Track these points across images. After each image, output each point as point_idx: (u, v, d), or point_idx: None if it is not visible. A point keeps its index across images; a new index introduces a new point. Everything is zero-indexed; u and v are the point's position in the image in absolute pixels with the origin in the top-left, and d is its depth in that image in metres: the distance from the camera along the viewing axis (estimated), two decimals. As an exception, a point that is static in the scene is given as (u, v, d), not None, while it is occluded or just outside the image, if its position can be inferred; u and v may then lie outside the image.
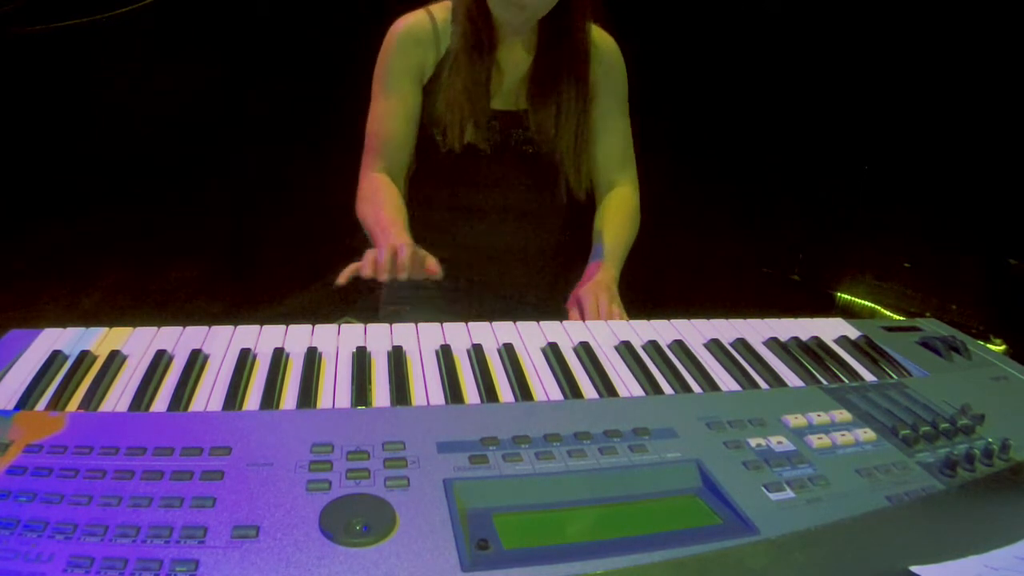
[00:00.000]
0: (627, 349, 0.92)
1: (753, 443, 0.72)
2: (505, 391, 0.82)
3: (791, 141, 2.50)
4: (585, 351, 0.91)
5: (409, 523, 0.58)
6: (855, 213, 2.55)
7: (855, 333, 1.04)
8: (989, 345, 1.67)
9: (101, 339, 0.86)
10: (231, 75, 2.47)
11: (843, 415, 0.78)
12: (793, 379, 0.90)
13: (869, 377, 0.92)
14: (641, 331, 0.98)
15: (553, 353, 0.90)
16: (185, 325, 0.90)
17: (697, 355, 0.93)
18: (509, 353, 0.88)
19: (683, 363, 0.91)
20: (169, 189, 2.47)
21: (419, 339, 0.91)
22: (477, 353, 0.88)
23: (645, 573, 0.55)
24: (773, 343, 0.98)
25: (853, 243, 2.62)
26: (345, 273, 1.02)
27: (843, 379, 0.91)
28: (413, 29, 1.28)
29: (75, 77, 2.31)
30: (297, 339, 0.89)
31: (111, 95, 2.35)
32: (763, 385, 0.88)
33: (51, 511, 0.55)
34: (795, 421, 0.76)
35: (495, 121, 1.30)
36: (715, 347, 0.95)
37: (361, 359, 0.84)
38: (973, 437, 0.76)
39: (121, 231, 2.45)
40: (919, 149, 2.31)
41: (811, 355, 0.96)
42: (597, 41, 1.34)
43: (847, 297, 2.69)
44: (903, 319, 1.43)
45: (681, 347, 0.94)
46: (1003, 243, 2.32)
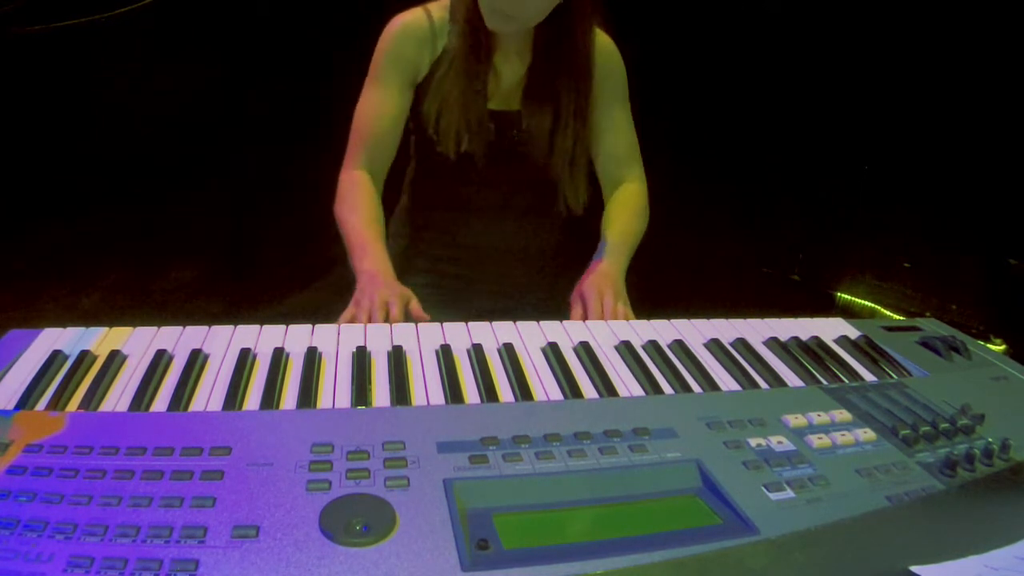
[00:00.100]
0: (627, 349, 0.92)
1: (753, 443, 0.72)
2: (505, 391, 0.82)
3: (791, 141, 2.50)
4: (585, 351, 0.91)
5: (409, 523, 0.58)
6: (855, 213, 2.55)
7: (855, 333, 1.04)
8: (989, 345, 1.67)
9: (101, 339, 0.86)
10: (231, 75, 2.48)
11: (843, 415, 0.78)
12: (793, 379, 0.90)
13: (869, 377, 0.92)
14: (641, 331, 0.98)
15: (553, 353, 0.90)
16: (185, 325, 0.90)
17: (697, 355, 0.93)
18: (509, 353, 0.88)
19: (683, 363, 0.91)
20: (169, 189, 2.47)
21: (419, 339, 0.91)
22: (477, 353, 0.88)
23: (645, 573, 0.55)
24: (773, 343, 0.98)
25: (853, 243, 2.62)
26: (342, 321, 1.03)
27: (843, 379, 0.91)
28: (410, 26, 1.28)
29: (75, 77, 2.31)
30: (297, 339, 0.89)
31: (111, 95, 2.35)
32: (763, 385, 0.88)
33: (51, 511, 0.55)
34: (795, 421, 0.76)
35: (491, 123, 1.30)
36: (715, 347, 0.95)
37: (361, 359, 0.84)
38: (973, 437, 0.76)
39: (121, 231, 2.45)
40: (919, 149, 2.31)
41: (811, 355, 0.96)
42: (596, 43, 1.33)
43: (847, 297, 2.69)
44: (903, 319, 1.43)
45: (681, 347, 0.94)
46: (1003, 243, 2.32)
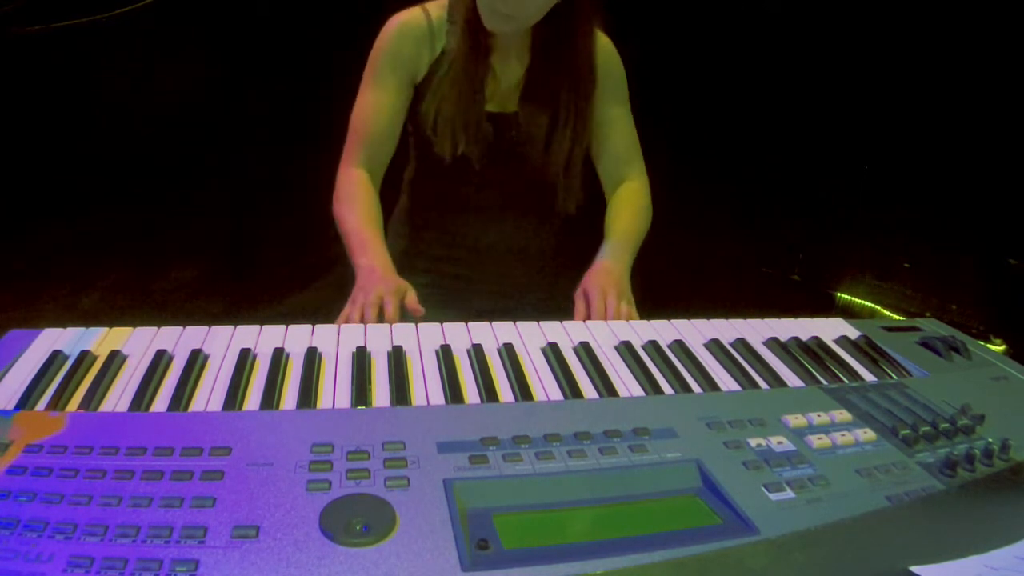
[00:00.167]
0: (627, 349, 0.92)
1: (753, 443, 0.72)
2: (505, 391, 0.82)
3: (791, 141, 2.50)
4: (585, 351, 0.91)
5: (409, 523, 0.58)
6: (855, 213, 2.55)
7: (855, 333, 1.04)
8: (989, 345, 1.67)
9: (101, 339, 0.86)
10: (231, 75, 2.47)
11: (843, 415, 0.78)
12: (793, 379, 0.90)
13: (869, 377, 0.92)
14: (641, 331, 0.98)
15: (553, 353, 0.90)
16: (185, 325, 0.90)
17: (697, 355, 0.93)
18: (509, 353, 0.88)
19: (683, 363, 0.91)
20: (169, 189, 2.47)
21: (419, 339, 0.91)
22: (477, 353, 0.88)
23: (645, 573, 0.55)
24: (773, 343, 0.98)
25: (853, 243, 2.62)
26: (340, 320, 1.03)
27: (843, 379, 0.91)
28: (408, 25, 1.28)
29: (75, 77, 2.31)
30: (297, 339, 0.89)
31: (111, 95, 2.35)
32: (763, 385, 0.88)
33: (51, 511, 0.55)
34: (795, 421, 0.76)
35: (488, 124, 1.30)
36: (715, 347, 0.95)
37: (361, 359, 0.84)
38: (973, 437, 0.76)
39: (121, 231, 2.45)
40: (919, 149, 2.31)
41: (811, 355, 0.96)
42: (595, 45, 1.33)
43: (847, 297, 2.69)
44: (903, 319, 1.43)
45: (681, 347, 0.94)
46: (1003, 243, 2.32)
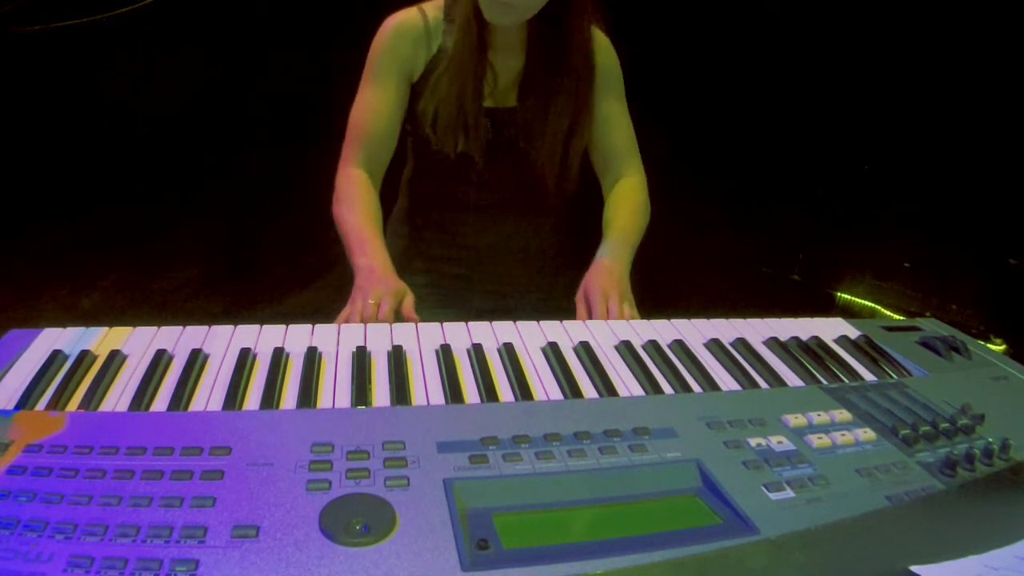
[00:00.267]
0: (627, 349, 0.92)
1: (753, 443, 0.72)
2: (505, 391, 0.82)
3: (791, 140, 2.50)
4: (585, 351, 0.91)
5: (409, 523, 0.58)
6: (855, 213, 2.55)
7: (855, 333, 1.04)
8: (989, 345, 1.67)
9: (101, 339, 0.86)
10: (231, 75, 2.47)
11: (843, 415, 0.78)
12: (793, 379, 0.90)
13: (869, 377, 0.92)
14: (641, 331, 0.98)
15: (553, 353, 0.90)
16: (185, 325, 0.90)
17: (697, 355, 0.93)
18: (509, 353, 0.88)
19: (683, 363, 0.91)
20: (169, 189, 2.47)
21: (419, 339, 0.91)
22: (477, 353, 0.88)
23: (645, 573, 0.55)
24: (773, 343, 0.98)
25: (853, 243, 2.62)
26: (339, 321, 1.03)
27: (843, 379, 0.91)
28: (405, 25, 1.28)
29: (75, 77, 2.31)
30: (297, 339, 0.89)
31: (111, 95, 2.35)
32: (763, 385, 0.87)
33: (51, 511, 0.55)
34: (795, 421, 0.76)
35: (486, 119, 1.30)
36: (715, 347, 0.95)
37: (361, 359, 0.84)
38: (973, 437, 0.76)
39: (121, 231, 2.45)
40: (919, 149, 2.31)
41: (811, 355, 0.96)
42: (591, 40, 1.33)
43: (847, 297, 2.69)
44: (903, 319, 1.43)
45: (681, 347, 0.94)
46: (1003, 243, 2.32)
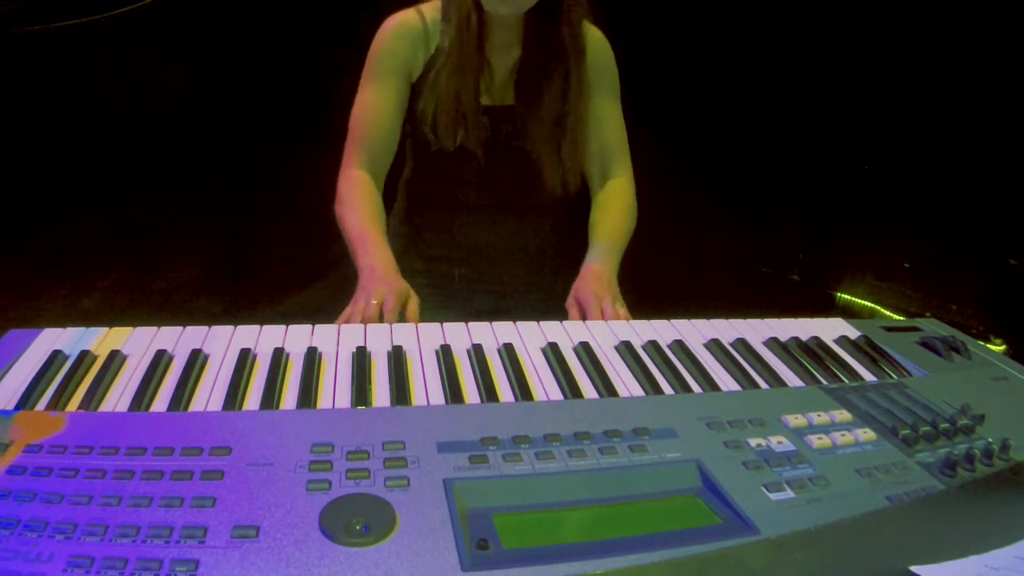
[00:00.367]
0: (627, 349, 0.92)
1: (753, 443, 0.72)
2: (505, 391, 0.82)
3: (791, 141, 2.50)
4: (585, 351, 0.91)
5: (409, 523, 0.58)
6: (855, 213, 2.55)
7: (855, 333, 1.04)
8: (989, 345, 1.67)
9: (101, 339, 0.86)
10: (231, 75, 2.48)
11: (843, 415, 0.78)
12: (793, 379, 0.90)
13: (869, 377, 0.92)
14: (641, 331, 0.98)
15: (553, 353, 0.90)
16: (185, 325, 0.90)
17: (697, 355, 0.93)
18: (509, 353, 0.88)
19: (683, 363, 0.91)
20: (169, 189, 2.47)
21: (419, 339, 0.91)
22: (477, 353, 0.88)
23: (645, 573, 0.55)
24: (773, 343, 0.98)
25: (853, 243, 2.62)
26: (340, 321, 1.04)
27: (843, 379, 0.91)
28: (404, 26, 1.29)
29: (75, 77, 2.31)
30: (297, 339, 0.89)
31: (111, 95, 2.35)
32: (763, 385, 0.87)
33: (51, 511, 0.55)
34: (795, 421, 0.76)
35: (485, 117, 1.30)
36: (715, 347, 0.95)
37: (361, 359, 0.84)
38: (973, 437, 0.76)
39: (121, 231, 2.45)
40: (919, 149, 2.31)
41: (811, 355, 0.96)
42: (586, 36, 1.33)
43: (847, 297, 2.70)
44: (903, 319, 1.43)
45: (681, 347, 0.94)
46: (1003, 243, 2.32)
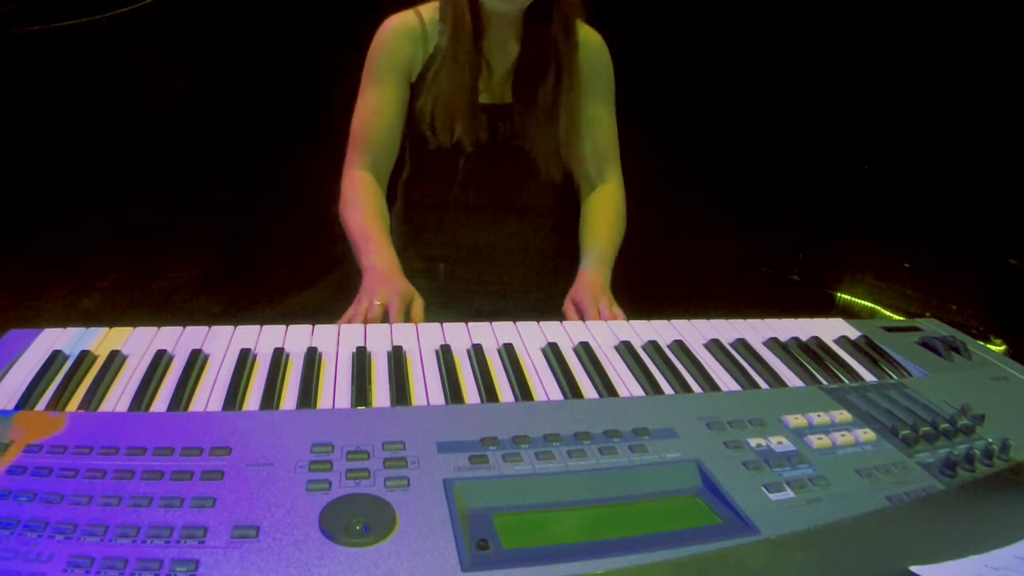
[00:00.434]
0: (627, 349, 0.92)
1: (753, 443, 0.72)
2: (505, 391, 0.82)
3: (791, 141, 2.50)
4: (585, 351, 0.91)
5: (409, 523, 0.58)
6: (855, 213, 2.55)
7: (855, 333, 1.04)
8: (989, 345, 1.67)
9: (101, 339, 0.86)
10: (231, 75, 2.48)
11: (843, 415, 0.78)
12: (793, 379, 0.90)
13: (869, 377, 0.92)
14: (641, 331, 0.98)
15: (553, 353, 0.90)
16: (185, 325, 0.90)
17: (697, 355, 0.93)
18: (509, 353, 0.88)
19: (683, 363, 0.91)
20: (169, 189, 2.48)
21: (419, 339, 0.91)
22: (477, 353, 0.88)
23: (645, 573, 0.55)
24: (773, 343, 0.98)
25: (853, 243, 2.62)
26: (343, 321, 1.04)
27: (843, 379, 0.91)
28: (402, 27, 1.29)
29: (75, 77, 2.31)
30: (297, 339, 0.89)
31: (111, 95, 2.35)
32: (763, 385, 0.87)
33: (51, 511, 0.55)
34: (795, 421, 0.76)
35: (483, 115, 1.30)
36: (715, 347, 0.95)
37: (361, 359, 0.84)
38: (973, 437, 0.76)
39: (121, 231, 2.45)
40: (919, 149, 2.31)
41: (811, 355, 0.96)
42: (583, 37, 1.33)
43: (847, 297, 2.70)
44: (903, 319, 1.43)
45: (681, 347, 0.94)
46: (1003, 243, 2.32)
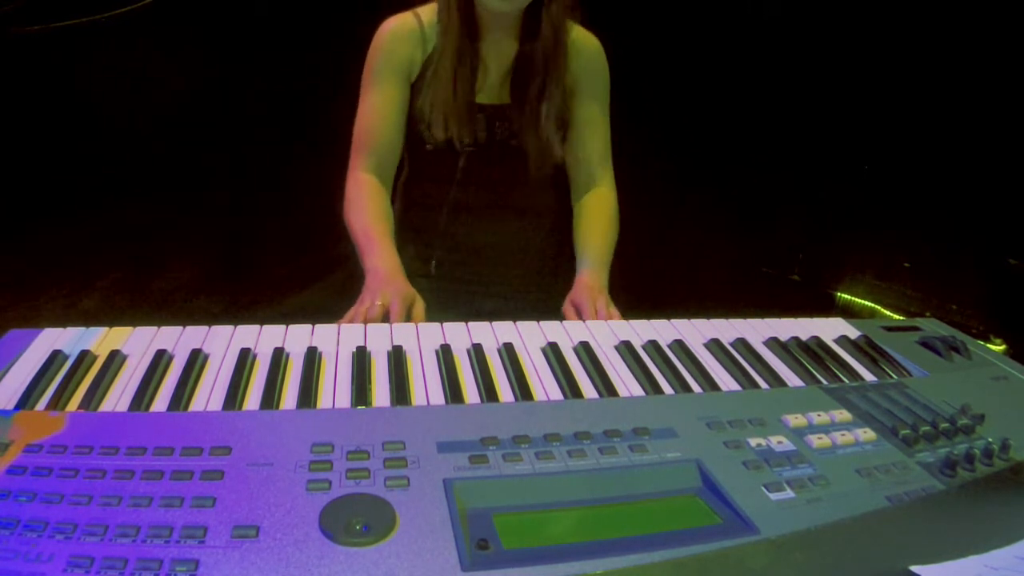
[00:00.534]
0: (627, 349, 0.92)
1: (753, 443, 0.72)
2: (505, 391, 0.82)
3: (791, 141, 2.50)
4: (585, 351, 0.91)
5: (409, 523, 0.58)
6: (855, 213, 2.55)
7: (855, 333, 1.04)
8: (989, 345, 1.67)
9: (101, 339, 0.86)
10: (231, 75, 2.48)
11: (843, 415, 0.78)
12: (793, 379, 0.90)
13: (869, 377, 0.92)
14: (641, 331, 0.98)
15: (553, 353, 0.90)
16: (185, 325, 0.90)
17: (697, 355, 0.93)
18: (509, 353, 0.88)
19: (683, 363, 0.91)
20: (169, 189, 2.48)
21: (419, 339, 0.91)
22: (477, 353, 0.88)
23: (645, 573, 0.55)
24: (773, 343, 0.98)
25: (853, 243, 2.62)
26: (343, 321, 1.04)
27: (843, 379, 0.91)
28: (401, 28, 1.30)
29: (75, 77, 2.31)
30: (297, 339, 0.89)
31: (111, 95, 2.35)
32: (763, 385, 0.87)
33: (51, 511, 0.55)
34: (795, 421, 0.76)
35: (480, 115, 1.30)
36: (715, 347, 0.95)
37: (361, 359, 0.84)
38: (973, 437, 0.76)
39: (121, 231, 2.45)
40: (919, 149, 2.32)
41: (811, 355, 0.96)
42: (579, 40, 1.33)
43: (847, 297, 2.70)
44: (903, 319, 1.43)
45: (681, 347, 0.94)
46: (1003, 243, 2.32)
